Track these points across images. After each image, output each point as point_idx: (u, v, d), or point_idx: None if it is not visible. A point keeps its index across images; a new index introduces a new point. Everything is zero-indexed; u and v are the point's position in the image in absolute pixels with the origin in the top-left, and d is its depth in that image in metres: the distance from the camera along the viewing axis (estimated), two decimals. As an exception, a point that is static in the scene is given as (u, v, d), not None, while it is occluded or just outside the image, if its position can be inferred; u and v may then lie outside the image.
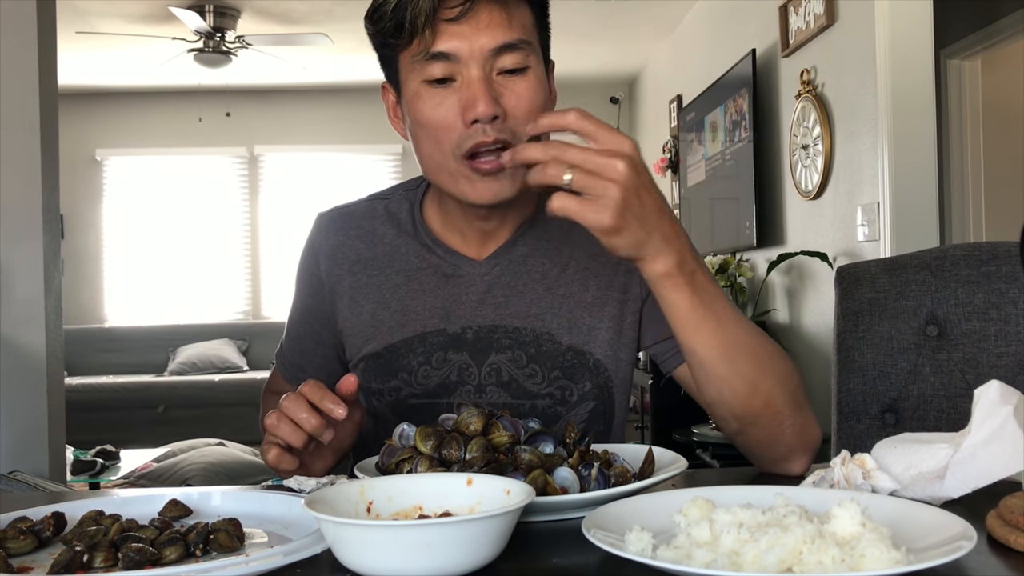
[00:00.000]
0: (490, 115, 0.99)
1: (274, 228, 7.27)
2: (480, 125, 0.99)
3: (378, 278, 1.17)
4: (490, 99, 0.99)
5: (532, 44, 1.04)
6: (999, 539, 0.71)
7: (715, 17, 4.91)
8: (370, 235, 1.19)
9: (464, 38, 0.99)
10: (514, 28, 1.01)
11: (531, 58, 1.03)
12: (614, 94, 7.22)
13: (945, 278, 1.36)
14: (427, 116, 1.02)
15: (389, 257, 1.17)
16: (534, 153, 0.83)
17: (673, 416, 3.97)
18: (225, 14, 5.31)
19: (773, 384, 0.95)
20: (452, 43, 0.99)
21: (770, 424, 0.97)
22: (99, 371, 6.72)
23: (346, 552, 0.67)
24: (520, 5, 1.03)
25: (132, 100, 7.23)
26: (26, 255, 2.96)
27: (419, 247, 1.17)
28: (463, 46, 0.99)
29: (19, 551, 0.76)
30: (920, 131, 3.02)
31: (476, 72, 0.99)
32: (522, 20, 1.03)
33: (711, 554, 0.64)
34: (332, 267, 1.19)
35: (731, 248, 4.36)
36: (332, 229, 1.21)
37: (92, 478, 4.17)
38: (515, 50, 1.01)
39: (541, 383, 1.13)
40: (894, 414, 1.36)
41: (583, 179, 0.81)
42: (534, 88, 1.03)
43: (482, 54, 0.99)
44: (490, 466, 0.84)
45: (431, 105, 1.02)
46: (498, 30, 1.00)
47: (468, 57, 0.99)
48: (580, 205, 0.81)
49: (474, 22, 0.99)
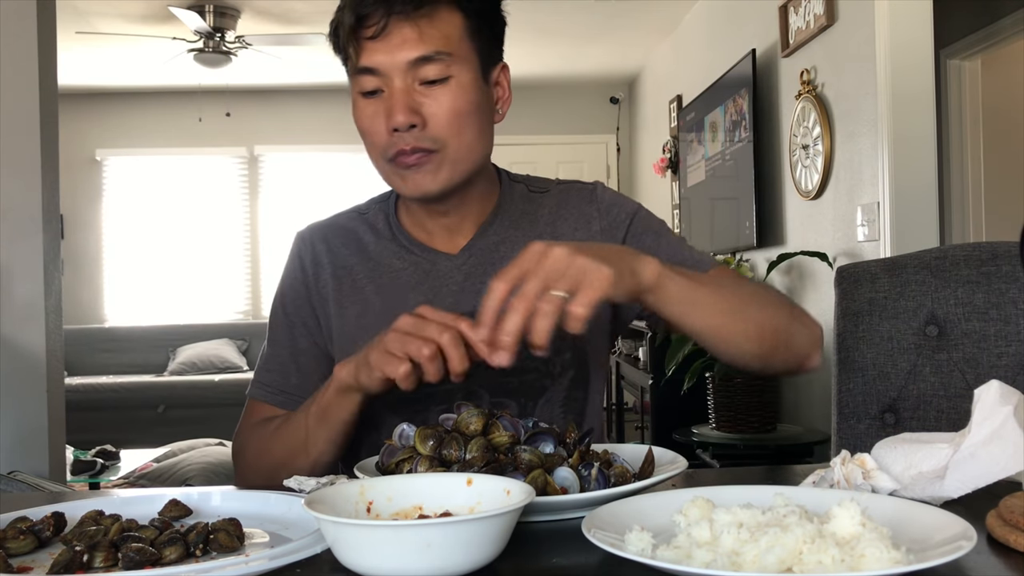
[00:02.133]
0: (406, 124, 1.08)
1: (274, 228, 7.26)
2: (400, 133, 1.09)
3: (361, 282, 1.22)
4: (406, 109, 1.08)
5: (454, 54, 1.10)
6: (999, 539, 0.71)
7: (715, 17, 4.91)
8: (353, 242, 1.25)
9: (384, 53, 1.08)
10: (427, 42, 1.08)
11: (453, 67, 1.10)
12: (614, 94, 7.22)
13: (945, 278, 1.36)
14: (361, 124, 1.14)
15: (372, 262, 1.23)
16: (513, 323, 0.86)
17: (673, 416, 3.97)
18: (225, 14, 5.31)
19: (773, 312, 1.05)
20: (374, 58, 1.09)
21: (785, 347, 1.06)
22: (99, 371, 6.71)
23: (346, 552, 0.67)
24: (440, 17, 1.09)
25: (132, 100, 7.22)
26: (26, 255, 2.95)
27: (398, 249, 1.23)
28: (384, 60, 1.08)
29: (19, 551, 0.76)
30: (920, 131, 3.02)
31: (398, 83, 1.09)
32: (443, 31, 1.09)
33: (711, 554, 0.64)
34: (318, 273, 1.24)
35: (731, 248, 4.36)
36: (315, 239, 1.27)
37: (92, 478, 4.17)
38: (432, 62, 1.08)
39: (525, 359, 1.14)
40: (894, 414, 1.36)
41: (565, 284, 0.85)
42: (455, 96, 1.10)
43: (400, 67, 1.08)
44: (490, 466, 0.84)
45: (364, 115, 1.13)
46: (411, 45, 1.08)
47: (390, 70, 1.09)
48: (586, 294, 0.85)
49: (388, 39, 1.08)
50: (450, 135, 1.10)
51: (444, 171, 1.12)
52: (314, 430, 1.07)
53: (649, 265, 0.92)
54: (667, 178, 5.89)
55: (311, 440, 1.08)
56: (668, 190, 5.92)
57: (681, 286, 0.95)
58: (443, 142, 1.10)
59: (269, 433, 1.16)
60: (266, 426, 1.18)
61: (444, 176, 1.12)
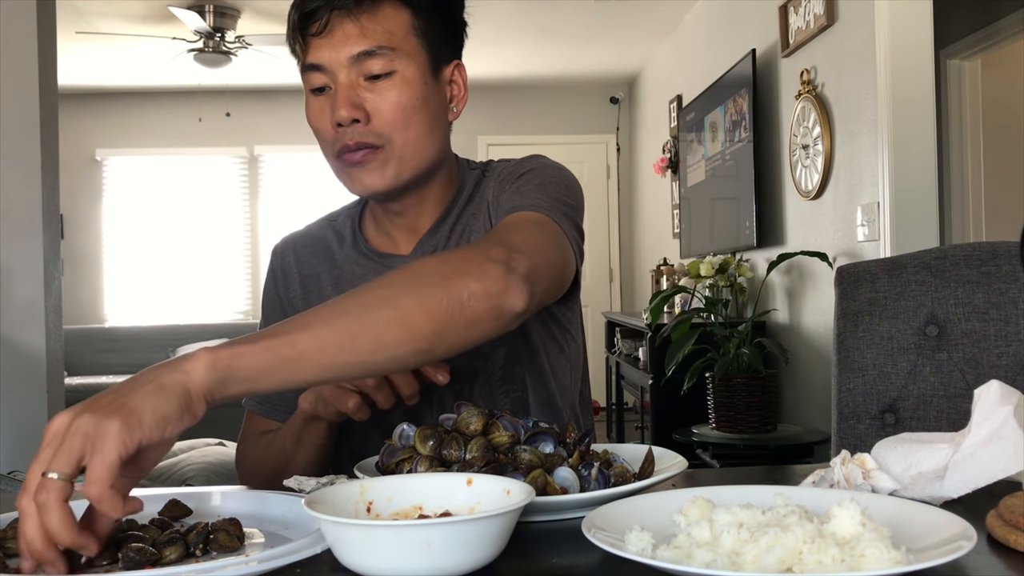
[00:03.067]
0: (348, 119, 1.09)
1: (274, 228, 7.26)
2: (343, 129, 1.10)
3: (327, 289, 1.24)
4: (348, 104, 1.08)
5: (398, 49, 1.10)
6: (999, 539, 0.71)
7: (715, 17, 4.91)
8: (321, 250, 1.27)
9: (327, 48, 1.10)
10: (369, 36, 1.09)
11: (398, 62, 1.10)
12: (614, 94, 7.23)
13: (945, 278, 1.36)
14: (311, 121, 1.15)
15: (337, 269, 1.25)
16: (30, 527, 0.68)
17: (673, 416, 3.97)
18: (225, 14, 5.31)
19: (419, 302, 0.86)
20: (319, 55, 1.10)
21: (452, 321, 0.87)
22: (99, 371, 6.71)
23: (346, 552, 0.67)
24: (384, 13, 1.10)
25: (132, 100, 7.23)
26: (26, 255, 2.95)
27: (358, 256, 1.24)
28: (328, 56, 1.10)
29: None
30: (920, 131, 3.02)
31: (342, 79, 1.10)
32: (386, 27, 1.10)
33: (711, 554, 0.64)
34: (288, 284, 1.27)
35: (731, 248, 4.36)
36: (286, 251, 1.30)
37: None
38: (373, 56, 1.09)
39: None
40: (894, 414, 1.36)
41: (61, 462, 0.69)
42: (399, 90, 1.10)
43: (343, 62, 1.09)
44: (490, 466, 0.84)
45: (313, 112, 1.14)
46: (353, 40, 1.09)
47: (334, 66, 1.10)
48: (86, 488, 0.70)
49: (332, 35, 1.09)
50: (394, 130, 1.10)
51: (391, 168, 1.11)
52: (293, 453, 1.12)
53: (196, 362, 0.75)
54: (667, 178, 5.89)
55: (292, 461, 1.12)
56: (668, 190, 5.92)
57: (262, 351, 0.78)
58: (387, 137, 1.10)
59: (259, 450, 1.21)
60: (257, 441, 1.22)
61: (391, 173, 1.12)
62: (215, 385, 0.76)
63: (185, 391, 0.74)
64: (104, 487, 0.68)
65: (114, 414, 0.69)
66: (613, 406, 5.48)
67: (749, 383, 3.47)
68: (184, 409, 0.73)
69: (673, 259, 5.53)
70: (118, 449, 0.68)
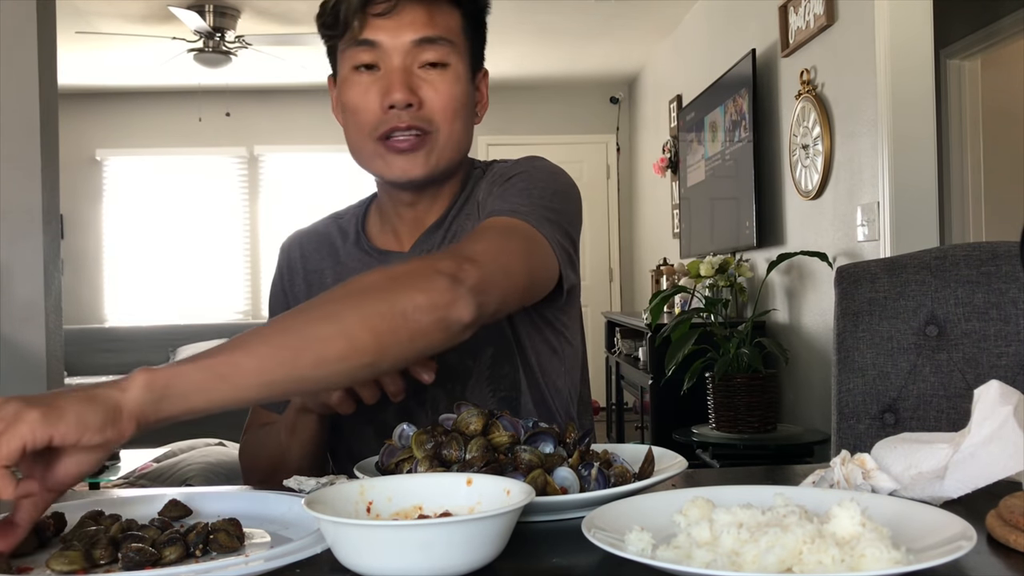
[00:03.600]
0: (405, 102, 1.09)
1: (274, 228, 7.26)
2: (396, 111, 1.09)
3: (329, 286, 1.23)
4: (405, 87, 1.09)
5: (455, 44, 1.13)
6: (999, 539, 0.71)
7: (715, 17, 4.91)
8: (327, 248, 1.28)
9: (388, 30, 1.10)
10: (435, 26, 1.11)
11: (452, 56, 1.12)
12: (614, 94, 7.23)
13: (945, 278, 1.36)
14: (352, 100, 1.13)
15: (341, 266, 1.25)
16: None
17: (673, 416, 3.96)
18: (225, 14, 5.31)
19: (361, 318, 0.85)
20: (377, 34, 1.10)
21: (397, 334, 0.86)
22: (99, 371, 6.71)
23: (346, 552, 0.67)
24: (447, 8, 1.13)
25: (132, 100, 7.23)
26: (26, 255, 2.95)
27: (361, 254, 1.25)
28: (386, 37, 1.10)
29: (19, 551, 0.76)
30: (920, 131, 3.02)
31: (397, 62, 1.10)
32: (447, 21, 1.12)
33: (711, 554, 0.64)
34: (293, 280, 1.28)
35: (731, 248, 4.36)
36: (292, 247, 1.31)
37: (92, 478, 4.16)
38: (435, 44, 1.11)
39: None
40: (894, 414, 1.36)
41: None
42: (451, 83, 1.12)
43: (403, 46, 1.10)
44: (490, 466, 0.84)
45: (357, 91, 1.12)
46: (419, 25, 1.10)
47: (391, 47, 1.10)
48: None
49: (398, 17, 1.10)
50: (443, 120, 1.12)
51: (433, 157, 1.13)
52: (287, 445, 1.12)
53: (132, 381, 0.75)
54: (667, 178, 5.88)
55: (287, 454, 1.12)
56: (668, 190, 5.92)
57: (199, 370, 0.77)
58: (436, 126, 1.12)
59: (258, 442, 1.21)
60: (257, 433, 1.23)
61: (432, 162, 1.13)
62: (149, 405, 0.74)
63: (115, 406, 0.73)
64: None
65: (37, 406, 0.70)
66: (613, 406, 5.48)
67: (749, 383, 3.47)
68: (107, 422, 0.72)
69: (673, 259, 5.53)
70: (27, 435, 0.69)
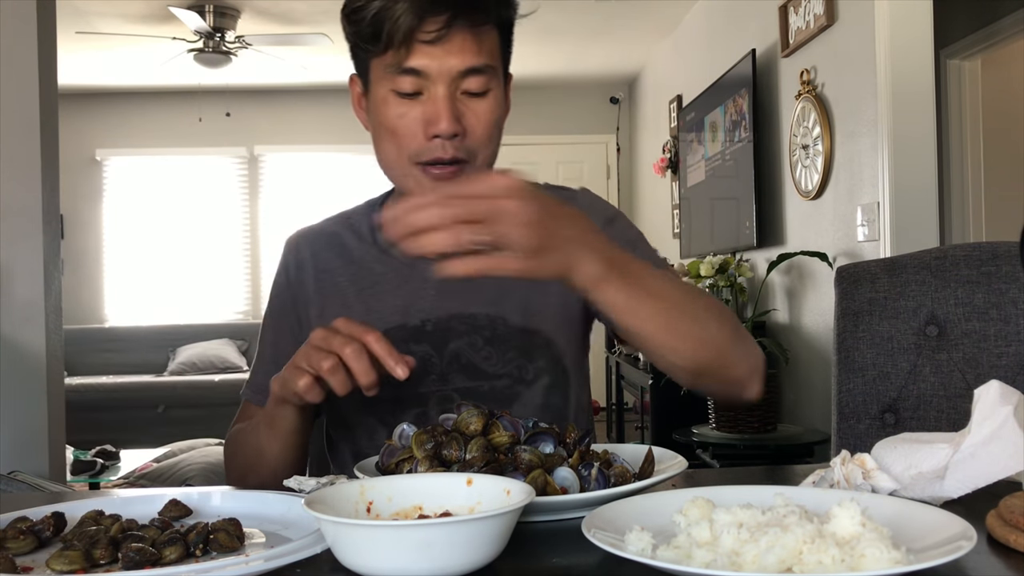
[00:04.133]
0: (451, 132, 1.07)
1: (274, 228, 7.26)
2: (440, 140, 1.08)
3: (343, 285, 1.22)
4: (452, 118, 1.07)
5: (496, 69, 1.11)
6: (999, 539, 0.71)
7: (715, 17, 4.91)
8: (337, 247, 1.26)
9: (436, 58, 1.06)
10: (483, 54, 1.08)
11: (493, 81, 1.11)
12: (614, 94, 7.22)
13: (945, 278, 1.36)
14: (392, 123, 1.10)
15: (355, 266, 1.23)
16: (422, 218, 0.77)
17: (673, 416, 3.97)
18: (225, 14, 5.31)
19: (716, 332, 0.97)
20: (424, 61, 1.06)
21: (722, 367, 1.00)
22: (99, 371, 6.71)
23: (346, 552, 0.67)
24: (488, 33, 1.10)
25: (132, 100, 7.23)
26: (26, 255, 2.95)
27: (379, 253, 1.23)
28: (433, 65, 1.06)
29: (19, 551, 0.76)
30: (920, 131, 3.02)
31: (442, 90, 1.07)
32: (490, 46, 1.10)
33: (711, 554, 0.64)
34: (301, 277, 1.25)
35: (731, 248, 4.36)
36: (301, 245, 1.28)
37: (92, 478, 4.17)
38: (480, 74, 1.08)
39: (498, 364, 1.17)
40: (894, 414, 1.36)
41: (485, 237, 0.78)
42: (493, 110, 1.11)
43: (450, 75, 1.07)
44: (490, 466, 0.84)
45: (396, 114, 1.09)
46: (468, 54, 1.07)
47: (437, 75, 1.07)
48: (491, 261, 0.79)
49: (448, 45, 1.06)
50: (481, 147, 1.11)
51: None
52: (266, 440, 1.08)
53: (586, 268, 0.84)
54: (667, 178, 5.88)
55: (265, 449, 1.08)
56: (668, 190, 5.92)
57: (621, 294, 0.87)
58: (474, 154, 1.11)
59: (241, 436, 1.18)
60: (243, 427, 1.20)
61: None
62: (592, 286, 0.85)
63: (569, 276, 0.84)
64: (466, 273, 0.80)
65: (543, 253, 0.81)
66: (613, 406, 5.48)
67: (749, 383, 3.47)
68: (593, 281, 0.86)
69: (673, 259, 5.53)
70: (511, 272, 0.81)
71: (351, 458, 1.18)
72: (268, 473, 1.08)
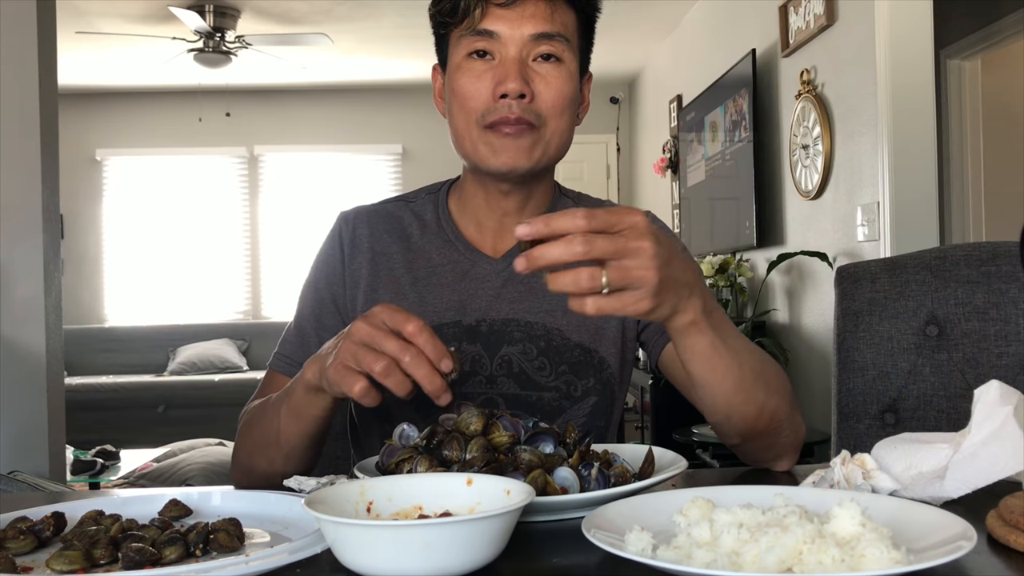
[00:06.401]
0: (518, 92, 1.09)
1: (274, 228, 7.26)
2: (507, 100, 1.09)
3: (398, 271, 1.20)
4: (520, 78, 1.09)
5: (570, 42, 1.13)
6: (999, 539, 0.71)
7: (715, 17, 4.91)
8: (397, 230, 1.23)
9: (508, 21, 1.10)
10: (555, 22, 1.11)
11: (567, 53, 1.12)
12: (614, 94, 7.21)
13: (945, 278, 1.36)
14: (463, 86, 1.12)
15: (412, 252, 1.21)
16: (555, 253, 0.74)
17: (673, 416, 3.97)
18: (225, 14, 5.31)
19: (777, 401, 0.99)
20: (497, 24, 1.10)
21: (771, 435, 1.02)
22: (99, 371, 6.71)
23: (346, 552, 0.67)
24: (565, 6, 1.13)
25: (132, 100, 7.23)
26: (26, 255, 2.95)
27: (441, 243, 1.22)
28: (506, 27, 1.10)
29: (19, 551, 0.76)
30: (920, 131, 3.02)
31: (513, 52, 1.10)
32: (564, 19, 1.12)
33: (711, 554, 0.64)
34: (354, 255, 1.22)
35: (731, 248, 4.36)
36: (358, 222, 1.24)
37: (92, 478, 4.17)
38: (552, 40, 1.11)
39: (549, 376, 1.17)
40: (894, 414, 1.36)
41: (618, 277, 0.76)
42: (564, 79, 1.12)
43: (522, 38, 1.10)
44: (490, 466, 0.84)
45: (469, 77, 1.12)
46: (540, 19, 1.10)
47: (508, 38, 1.10)
48: (619, 301, 0.77)
49: (520, 9, 1.10)
50: (551, 115, 1.11)
51: (538, 150, 1.12)
52: (286, 425, 1.02)
53: (689, 313, 0.85)
54: (667, 178, 5.88)
55: (283, 434, 1.02)
56: (668, 190, 5.92)
57: (707, 343, 0.88)
58: (544, 120, 1.11)
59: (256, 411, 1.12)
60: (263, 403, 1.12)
61: (536, 155, 1.12)
62: (684, 330, 0.86)
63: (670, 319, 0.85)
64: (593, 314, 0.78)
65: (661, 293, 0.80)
66: (613, 406, 5.48)
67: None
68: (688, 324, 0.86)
69: (673, 259, 5.52)
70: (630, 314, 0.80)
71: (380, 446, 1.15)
72: (280, 457, 1.03)
